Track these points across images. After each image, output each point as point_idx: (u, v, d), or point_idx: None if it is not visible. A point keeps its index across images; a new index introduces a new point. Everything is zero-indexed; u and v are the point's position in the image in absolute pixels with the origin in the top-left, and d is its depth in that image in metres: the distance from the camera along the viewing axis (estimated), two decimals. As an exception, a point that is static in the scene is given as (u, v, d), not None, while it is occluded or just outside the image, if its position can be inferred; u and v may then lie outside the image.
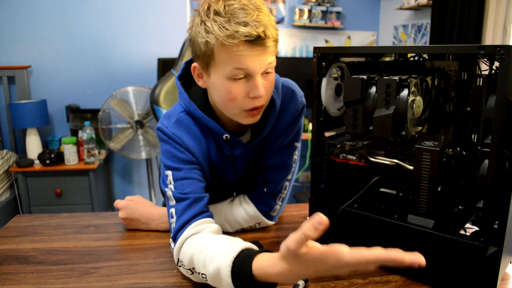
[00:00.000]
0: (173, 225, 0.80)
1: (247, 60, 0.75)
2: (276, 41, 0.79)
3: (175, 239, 0.79)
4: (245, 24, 0.73)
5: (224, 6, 0.74)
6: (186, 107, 0.87)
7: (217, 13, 0.74)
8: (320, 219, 0.55)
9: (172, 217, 0.81)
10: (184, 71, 0.92)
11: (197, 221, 0.79)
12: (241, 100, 0.79)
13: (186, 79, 0.92)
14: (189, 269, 0.75)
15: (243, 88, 0.79)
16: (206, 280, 0.71)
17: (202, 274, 0.71)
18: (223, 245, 0.70)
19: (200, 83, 0.86)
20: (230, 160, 0.92)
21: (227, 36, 0.73)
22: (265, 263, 0.63)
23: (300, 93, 0.97)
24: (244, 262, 0.66)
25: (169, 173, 0.84)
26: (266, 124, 0.90)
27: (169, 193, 0.82)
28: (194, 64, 0.84)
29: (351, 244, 0.85)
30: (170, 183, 0.83)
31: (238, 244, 0.69)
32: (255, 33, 0.73)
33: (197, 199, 0.81)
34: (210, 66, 0.79)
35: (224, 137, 0.88)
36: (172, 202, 0.82)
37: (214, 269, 0.68)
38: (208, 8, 0.75)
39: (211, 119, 0.86)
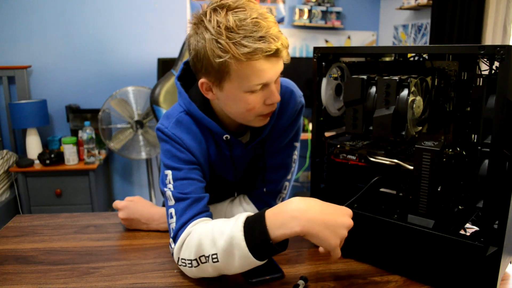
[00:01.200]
0: (173, 225, 0.80)
1: (267, 74, 0.76)
2: (287, 48, 0.79)
3: (175, 239, 0.79)
4: (262, 40, 0.72)
5: (235, 21, 0.72)
6: (186, 107, 0.87)
7: (229, 29, 0.72)
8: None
9: (172, 217, 0.81)
10: (183, 72, 0.92)
11: (198, 219, 0.79)
12: (259, 108, 0.81)
13: (186, 80, 0.92)
14: (196, 260, 0.73)
15: (260, 97, 0.80)
16: (217, 261, 0.70)
17: (212, 255, 0.71)
18: (230, 220, 0.72)
19: (209, 96, 0.84)
20: (230, 161, 0.92)
21: (246, 53, 0.72)
22: (275, 209, 0.69)
23: (299, 92, 0.97)
24: (255, 220, 0.69)
25: (168, 172, 0.83)
26: (265, 124, 0.90)
27: (169, 193, 0.82)
28: (202, 80, 0.81)
29: (351, 244, 0.85)
30: (170, 183, 0.83)
31: (245, 214, 0.72)
32: (274, 47, 0.73)
33: (197, 199, 0.81)
34: (224, 81, 0.77)
35: (224, 137, 0.88)
36: (171, 202, 0.82)
37: (226, 241, 0.69)
38: (218, 25, 0.73)
39: (211, 120, 0.86)
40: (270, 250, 0.68)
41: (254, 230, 0.67)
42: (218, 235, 0.70)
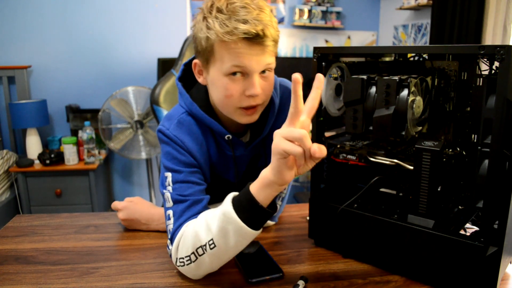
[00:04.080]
0: (171, 226, 0.80)
1: (245, 58, 0.76)
2: (275, 41, 0.79)
3: (172, 240, 0.79)
4: (245, 22, 0.74)
5: (227, 4, 0.76)
6: (188, 107, 0.87)
7: (219, 10, 0.76)
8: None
9: (169, 218, 0.81)
10: (183, 72, 0.92)
11: (193, 219, 0.79)
12: (237, 98, 0.80)
13: (186, 80, 0.92)
14: (193, 253, 0.74)
15: (240, 86, 0.79)
16: (214, 245, 0.72)
17: (208, 242, 0.72)
18: (220, 205, 0.74)
19: (200, 80, 0.87)
20: (231, 161, 0.92)
21: (226, 32, 0.74)
22: (260, 175, 0.70)
23: None
24: (241, 192, 0.71)
25: (168, 174, 0.83)
26: (266, 123, 0.90)
27: (167, 194, 0.82)
28: (195, 61, 0.85)
29: (351, 244, 0.85)
30: (169, 185, 0.83)
31: (231, 194, 0.74)
32: (254, 31, 0.74)
33: (196, 201, 0.81)
34: (210, 62, 0.80)
35: (226, 137, 0.88)
36: (169, 204, 0.82)
37: (219, 219, 0.71)
38: (211, 6, 0.77)
39: (213, 120, 0.86)
40: (261, 213, 0.70)
41: (242, 201, 0.70)
42: (211, 220, 0.73)
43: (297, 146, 0.62)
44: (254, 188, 0.70)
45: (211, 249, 0.72)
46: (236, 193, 0.73)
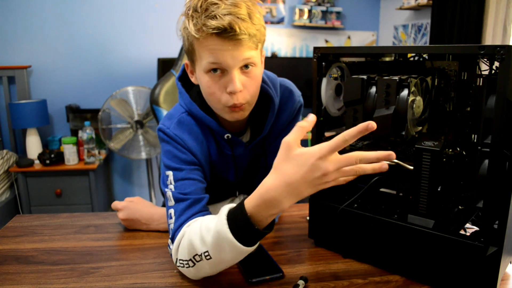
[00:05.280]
0: (172, 225, 0.80)
1: (219, 54, 0.76)
2: (251, 35, 0.76)
3: (173, 239, 0.79)
4: (213, 17, 0.74)
5: (201, 3, 0.76)
6: (188, 107, 0.87)
7: (194, 9, 0.76)
8: (311, 118, 0.66)
9: (171, 217, 0.81)
10: (183, 72, 0.92)
11: (194, 218, 0.79)
12: (220, 95, 0.80)
13: (186, 80, 0.92)
14: (191, 260, 0.73)
15: (220, 83, 0.79)
16: (210, 257, 0.70)
17: (204, 253, 0.70)
18: (214, 216, 0.72)
19: (192, 79, 0.88)
20: (231, 160, 0.92)
21: (197, 30, 0.75)
22: (255, 192, 0.66)
23: (297, 92, 0.98)
24: (237, 209, 0.67)
25: (169, 173, 0.84)
26: (265, 122, 0.90)
27: (169, 193, 0.82)
28: (186, 61, 0.87)
29: (351, 244, 0.85)
30: (171, 183, 0.83)
31: (227, 206, 0.70)
32: (221, 26, 0.73)
33: (197, 200, 0.81)
34: (194, 61, 0.82)
35: (225, 136, 0.88)
36: (171, 202, 0.82)
37: (213, 236, 0.68)
38: (189, 6, 0.78)
39: (212, 119, 0.86)
40: (257, 234, 0.67)
41: (237, 220, 0.66)
42: (205, 232, 0.70)
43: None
44: (253, 206, 0.65)
45: (207, 259, 0.71)
46: (232, 206, 0.69)
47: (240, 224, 0.66)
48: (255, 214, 0.65)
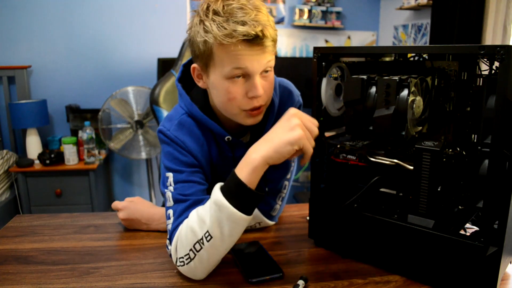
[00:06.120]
0: (170, 226, 0.80)
1: (246, 59, 0.76)
2: (274, 41, 0.79)
3: (171, 239, 0.79)
4: (243, 23, 0.73)
5: (223, 6, 0.75)
6: (188, 109, 0.87)
7: (216, 12, 0.75)
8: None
9: (169, 218, 0.81)
10: (183, 73, 0.92)
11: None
12: (240, 100, 0.80)
13: (186, 81, 0.92)
14: (191, 250, 0.74)
15: (242, 88, 0.79)
16: (210, 237, 0.73)
17: (205, 235, 0.73)
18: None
19: (200, 84, 0.86)
20: (232, 162, 0.92)
21: (225, 35, 0.73)
22: (248, 161, 0.74)
23: (296, 92, 0.98)
24: (229, 179, 0.74)
25: (170, 175, 0.83)
26: (266, 123, 0.90)
27: (169, 194, 0.82)
28: (194, 65, 0.84)
29: (351, 244, 0.85)
30: (170, 185, 0.83)
31: (218, 184, 0.76)
32: (253, 32, 0.73)
33: (197, 201, 0.81)
34: (209, 66, 0.79)
35: (226, 138, 0.88)
36: (170, 203, 0.82)
37: (210, 209, 0.73)
38: (207, 8, 0.76)
39: (212, 121, 0.86)
40: (251, 196, 0.72)
41: (230, 186, 0.72)
42: (203, 213, 0.74)
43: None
44: (242, 173, 0.73)
45: (208, 241, 0.73)
46: (222, 183, 0.75)
47: (233, 190, 0.72)
48: (245, 178, 0.73)
